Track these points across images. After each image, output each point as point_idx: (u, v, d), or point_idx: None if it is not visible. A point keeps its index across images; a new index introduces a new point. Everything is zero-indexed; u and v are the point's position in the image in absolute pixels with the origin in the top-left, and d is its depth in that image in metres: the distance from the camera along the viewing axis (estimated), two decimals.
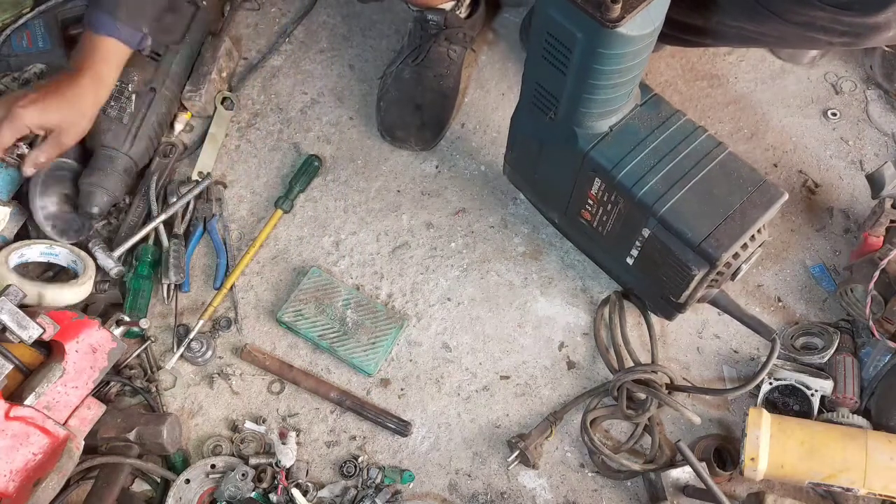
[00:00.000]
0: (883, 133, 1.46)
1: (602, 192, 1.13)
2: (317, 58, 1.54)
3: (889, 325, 1.19)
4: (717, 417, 1.24)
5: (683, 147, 1.09)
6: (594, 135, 1.10)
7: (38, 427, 1.04)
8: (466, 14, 1.46)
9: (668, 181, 1.07)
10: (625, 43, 0.93)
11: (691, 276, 1.07)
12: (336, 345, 1.26)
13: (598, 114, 1.07)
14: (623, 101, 1.08)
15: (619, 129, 1.10)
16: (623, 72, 0.99)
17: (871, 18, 1.06)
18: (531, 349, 1.29)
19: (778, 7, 1.13)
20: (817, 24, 1.10)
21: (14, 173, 1.26)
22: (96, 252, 1.25)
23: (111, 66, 1.21)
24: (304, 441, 1.22)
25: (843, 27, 1.09)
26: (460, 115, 1.48)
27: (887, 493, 1.08)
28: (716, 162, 1.09)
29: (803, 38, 1.17)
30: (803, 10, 1.11)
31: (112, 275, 1.26)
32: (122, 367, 1.24)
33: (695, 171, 1.08)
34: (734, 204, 1.06)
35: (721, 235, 1.04)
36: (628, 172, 1.08)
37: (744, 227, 1.05)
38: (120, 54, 1.21)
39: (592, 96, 1.03)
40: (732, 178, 1.08)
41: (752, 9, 1.17)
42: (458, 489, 1.20)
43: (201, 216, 1.36)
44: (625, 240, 1.15)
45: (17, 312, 1.05)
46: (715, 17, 1.23)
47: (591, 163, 1.10)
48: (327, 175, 1.42)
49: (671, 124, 1.11)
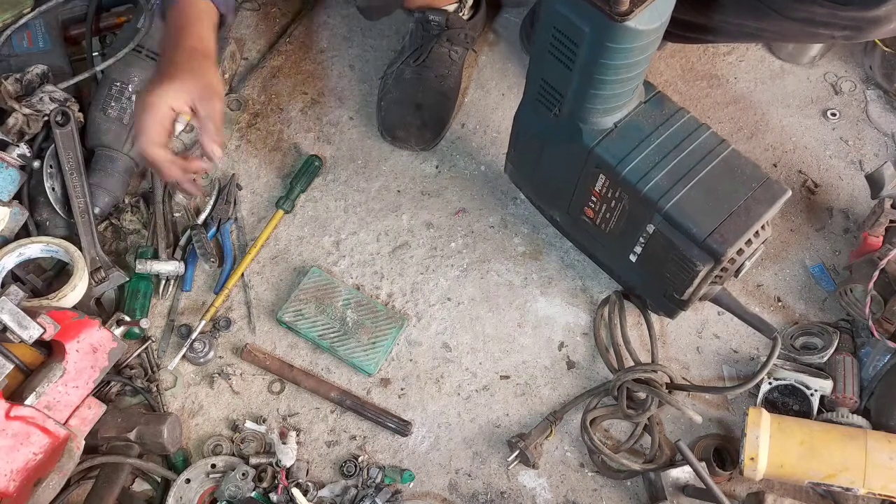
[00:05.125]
0: (882, 133, 1.46)
1: (606, 189, 1.13)
2: (317, 58, 1.54)
3: (888, 324, 1.19)
4: (717, 417, 1.24)
5: (687, 144, 1.10)
6: (599, 131, 1.10)
7: (39, 427, 1.04)
8: (469, 16, 1.46)
9: (672, 177, 1.07)
10: (633, 37, 0.94)
11: (696, 271, 1.07)
12: (336, 344, 1.26)
13: (604, 110, 1.08)
14: (628, 97, 1.08)
15: (623, 125, 1.11)
16: (630, 66, 0.99)
17: (871, 12, 1.06)
18: (531, 349, 1.29)
19: (778, 4, 1.13)
20: (817, 19, 1.11)
21: (14, 173, 1.26)
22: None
23: (206, 26, 1.12)
24: (304, 441, 1.22)
25: (844, 21, 1.09)
26: (460, 116, 1.48)
27: (887, 492, 1.08)
28: (720, 158, 1.09)
29: (804, 32, 1.17)
30: (803, 6, 1.11)
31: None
32: (122, 366, 1.24)
33: (699, 168, 1.08)
34: (738, 200, 1.06)
35: (726, 231, 1.05)
36: (633, 168, 1.08)
37: (748, 223, 1.05)
38: (213, 17, 1.13)
39: (598, 92, 1.03)
40: (736, 174, 1.08)
41: (753, 6, 1.17)
42: (458, 489, 1.20)
43: (217, 217, 1.36)
44: (628, 236, 1.15)
45: (18, 312, 1.05)
46: (717, 16, 1.23)
47: (595, 159, 1.10)
48: (327, 175, 1.42)
49: (675, 121, 1.11)
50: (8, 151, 1.26)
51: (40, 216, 1.29)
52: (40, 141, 1.31)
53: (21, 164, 1.27)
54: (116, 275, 1.26)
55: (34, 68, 1.32)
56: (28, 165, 1.29)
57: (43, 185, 1.28)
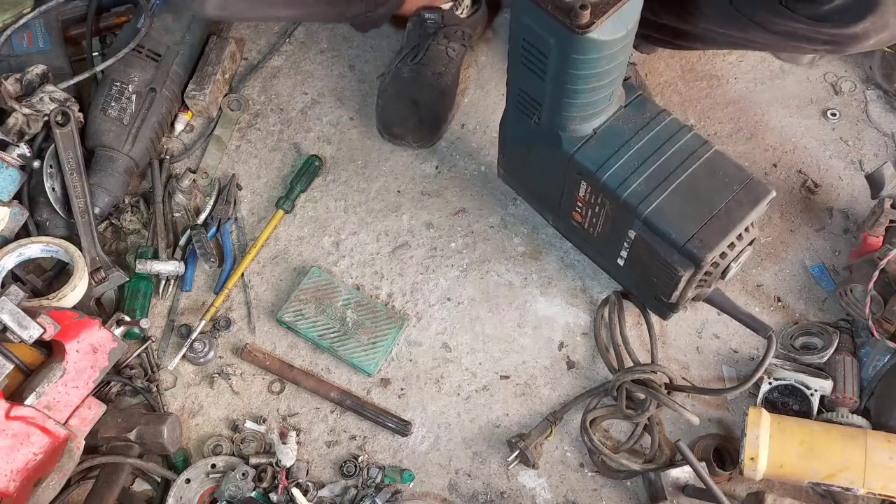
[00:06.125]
0: (882, 133, 1.46)
1: (589, 195, 1.13)
2: (317, 58, 1.54)
3: (888, 324, 1.19)
4: (717, 417, 1.24)
5: (668, 147, 1.09)
6: (578, 137, 1.10)
7: (39, 427, 1.04)
8: (467, 14, 1.46)
9: (652, 182, 1.07)
10: (597, 48, 0.93)
11: (678, 276, 1.07)
12: (336, 345, 1.26)
13: (581, 117, 1.07)
14: (605, 103, 1.07)
15: (603, 130, 1.10)
16: (600, 75, 0.99)
17: (850, 29, 1.06)
18: (531, 349, 1.29)
19: (759, 17, 1.13)
20: (798, 33, 1.11)
21: (14, 173, 1.27)
22: None
23: None
24: (304, 441, 1.22)
25: (824, 37, 1.09)
26: (460, 115, 1.48)
27: (886, 492, 1.08)
28: (701, 161, 1.08)
29: (787, 45, 1.17)
30: (782, 21, 1.11)
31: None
32: (122, 366, 1.24)
33: (679, 171, 1.07)
34: (719, 203, 1.05)
35: (706, 235, 1.04)
36: (613, 174, 1.08)
37: (729, 226, 1.04)
38: None
39: (572, 100, 1.03)
40: (718, 176, 1.07)
41: (735, 18, 1.17)
42: (458, 489, 1.20)
43: (217, 217, 1.36)
44: (614, 241, 1.15)
45: (18, 312, 1.05)
46: (701, 24, 1.23)
47: (576, 165, 1.10)
48: (327, 175, 1.42)
49: (656, 124, 1.11)
50: (8, 151, 1.26)
51: (40, 216, 1.29)
52: (40, 141, 1.32)
53: (21, 164, 1.28)
54: (116, 275, 1.26)
55: (34, 68, 1.32)
56: (28, 165, 1.29)
57: (43, 185, 1.28)
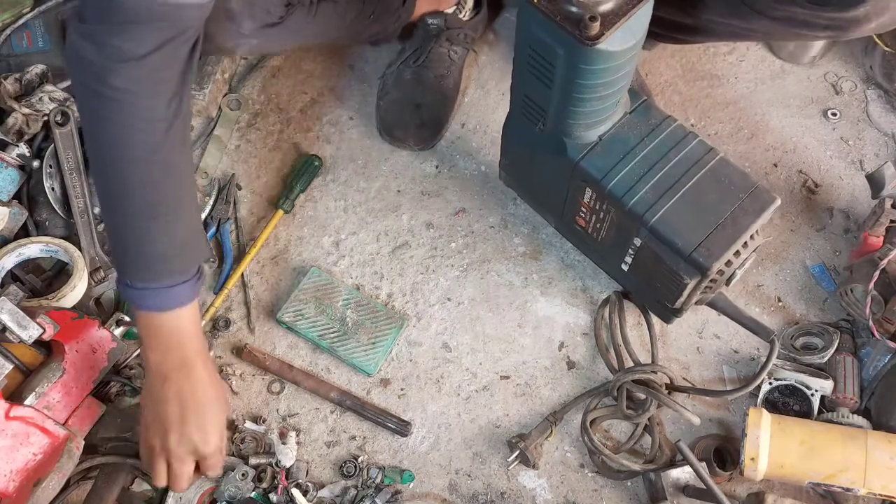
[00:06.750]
0: (883, 133, 1.46)
1: (594, 202, 1.13)
2: (317, 58, 1.54)
3: (889, 325, 1.19)
4: (717, 417, 1.24)
5: (674, 154, 1.09)
6: (583, 144, 1.09)
7: (38, 427, 1.04)
8: (470, 17, 1.46)
9: (658, 190, 1.07)
10: (606, 59, 0.93)
11: (684, 284, 1.07)
12: (336, 345, 1.26)
13: (586, 124, 1.07)
14: (611, 110, 1.07)
15: (608, 138, 1.10)
16: (607, 85, 0.99)
17: (850, 13, 1.06)
18: (531, 349, 1.29)
19: (759, 4, 1.14)
20: (798, 18, 1.11)
21: (13, 173, 1.26)
22: None
23: (191, 337, 0.97)
24: (304, 441, 1.22)
25: (825, 21, 1.09)
26: (460, 115, 1.48)
27: (887, 492, 1.08)
28: (707, 168, 1.08)
29: (788, 32, 1.17)
30: (782, 6, 1.11)
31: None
32: (122, 367, 1.24)
33: (685, 179, 1.07)
34: (725, 211, 1.05)
35: (712, 244, 1.04)
36: (618, 182, 1.07)
37: (735, 234, 1.04)
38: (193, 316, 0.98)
39: (578, 108, 1.03)
40: (724, 184, 1.07)
41: (736, 6, 1.17)
42: (458, 489, 1.20)
43: (216, 217, 1.36)
44: (619, 247, 1.15)
45: (18, 312, 1.05)
46: (704, 15, 1.23)
47: (581, 173, 1.10)
48: (327, 175, 1.42)
49: (661, 131, 1.10)
50: (7, 151, 1.26)
51: (40, 216, 1.29)
52: (40, 141, 1.31)
53: (20, 164, 1.27)
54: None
55: (34, 68, 1.32)
56: (27, 165, 1.29)
57: (42, 185, 1.28)
